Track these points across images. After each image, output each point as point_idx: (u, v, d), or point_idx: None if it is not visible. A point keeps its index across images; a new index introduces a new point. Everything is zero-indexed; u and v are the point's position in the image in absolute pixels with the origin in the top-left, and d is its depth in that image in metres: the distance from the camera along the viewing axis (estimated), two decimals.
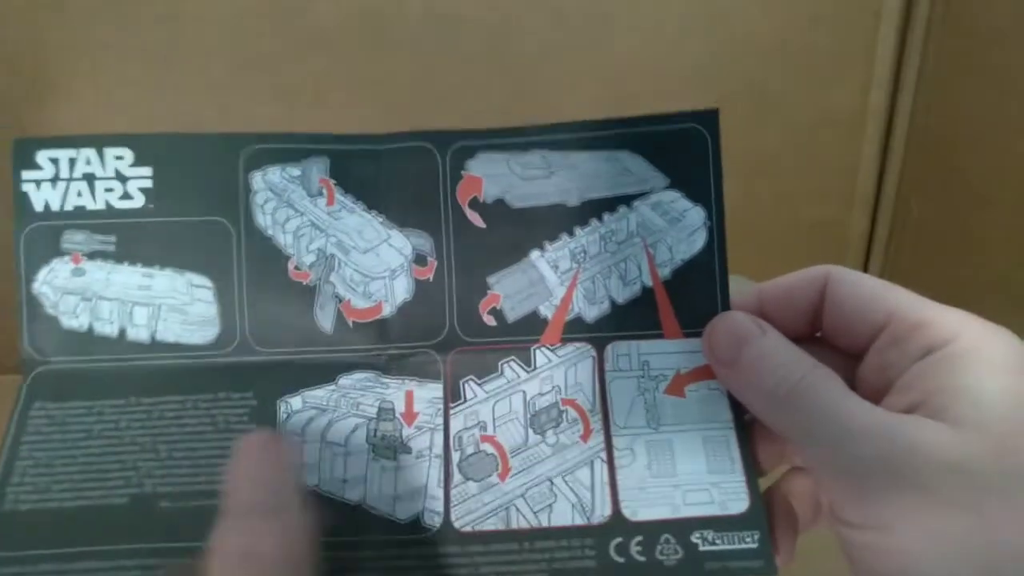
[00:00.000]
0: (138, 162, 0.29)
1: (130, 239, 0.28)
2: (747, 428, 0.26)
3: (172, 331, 0.29)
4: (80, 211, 0.28)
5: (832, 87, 0.45)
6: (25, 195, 0.28)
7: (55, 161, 0.28)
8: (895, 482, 0.20)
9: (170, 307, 0.29)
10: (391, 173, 0.29)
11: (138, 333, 0.28)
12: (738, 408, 0.26)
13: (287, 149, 0.29)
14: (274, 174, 0.29)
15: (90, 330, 0.28)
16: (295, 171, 0.29)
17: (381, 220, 0.29)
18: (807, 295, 0.26)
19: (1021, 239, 0.38)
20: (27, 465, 0.26)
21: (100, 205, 0.28)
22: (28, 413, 0.26)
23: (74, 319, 0.28)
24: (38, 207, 0.28)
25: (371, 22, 0.42)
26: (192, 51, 0.41)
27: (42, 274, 0.28)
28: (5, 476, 0.25)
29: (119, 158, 0.29)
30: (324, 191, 0.29)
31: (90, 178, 0.28)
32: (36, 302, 0.28)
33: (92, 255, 0.29)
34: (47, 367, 0.27)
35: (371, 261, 0.29)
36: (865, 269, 0.51)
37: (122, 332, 0.28)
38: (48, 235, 0.28)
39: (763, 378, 0.23)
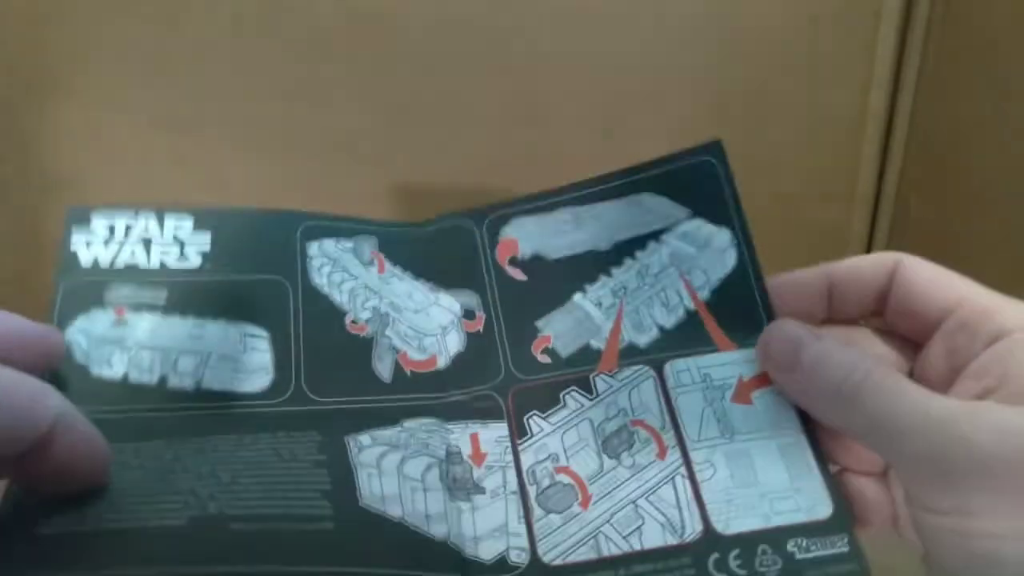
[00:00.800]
0: (197, 228, 0.29)
1: (182, 294, 0.27)
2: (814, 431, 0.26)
3: (220, 380, 0.26)
4: (132, 269, 0.27)
5: (832, 87, 0.45)
6: (74, 253, 0.27)
7: (111, 226, 0.28)
8: (980, 468, 0.20)
9: (220, 356, 0.27)
10: (434, 247, 0.31)
11: (181, 381, 0.26)
12: (803, 413, 0.26)
13: (339, 227, 0.31)
14: (329, 245, 0.30)
15: (124, 379, 0.26)
16: (347, 244, 0.31)
17: (429, 286, 0.31)
18: (876, 275, 0.26)
19: (1021, 239, 0.38)
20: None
21: (155, 265, 0.28)
22: None
23: (107, 368, 0.26)
24: (85, 263, 0.27)
25: (371, 22, 0.42)
26: (192, 51, 0.41)
27: (78, 322, 0.26)
28: None
29: (179, 225, 0.29)
30: (375, 261, 0.31)
31: (147, 242, 0.28)
32: (67, 350, 0.25)
33: (138, 308, 0.27)
34: None
35: (422, 320, 0.30)
36: None
37: (162, 380, 0.26)
38: (92, 288, 0.27)
39: (827, 377, 0.23)
